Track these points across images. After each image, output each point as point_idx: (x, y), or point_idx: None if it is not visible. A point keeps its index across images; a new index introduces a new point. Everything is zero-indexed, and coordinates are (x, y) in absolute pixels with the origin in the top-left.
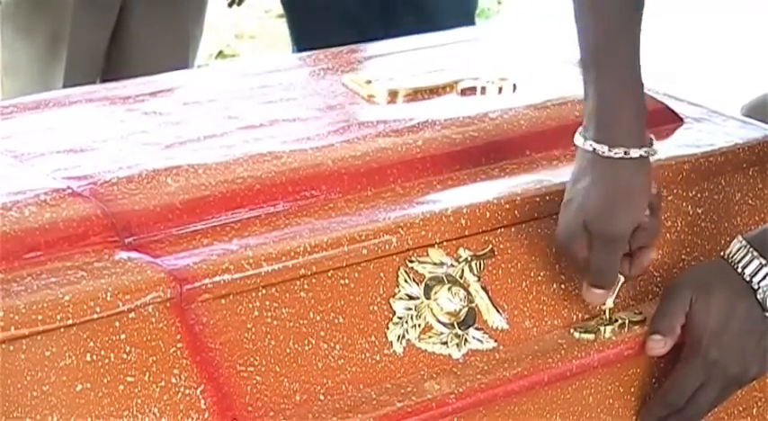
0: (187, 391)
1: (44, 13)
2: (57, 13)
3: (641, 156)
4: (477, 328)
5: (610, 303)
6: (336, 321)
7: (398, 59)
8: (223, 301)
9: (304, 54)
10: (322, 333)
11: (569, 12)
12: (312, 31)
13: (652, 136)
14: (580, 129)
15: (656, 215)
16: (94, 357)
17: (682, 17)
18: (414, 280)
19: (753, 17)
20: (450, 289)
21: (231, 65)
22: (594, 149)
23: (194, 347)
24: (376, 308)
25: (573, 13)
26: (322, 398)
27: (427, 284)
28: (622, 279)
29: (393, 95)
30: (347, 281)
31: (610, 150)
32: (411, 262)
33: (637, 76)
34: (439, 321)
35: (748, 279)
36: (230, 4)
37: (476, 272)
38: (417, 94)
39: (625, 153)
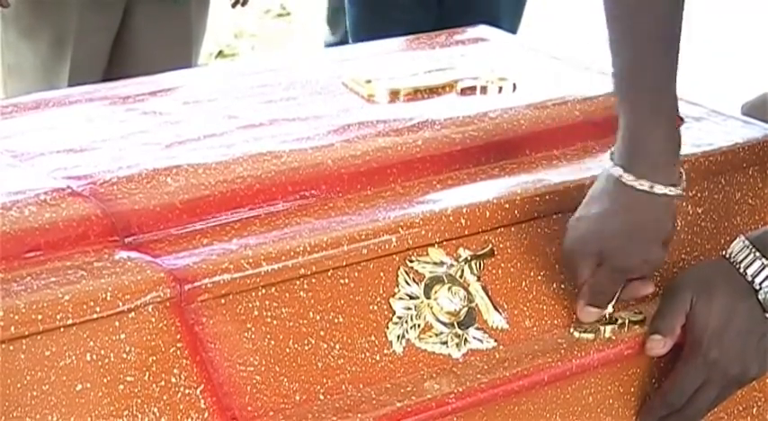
0: (187, 391)
1: (48, 15)
2: (61, 16)
3: (665, 194)
4: (476, 328)
5: (609, 308)
6: (336, 321)
7: (398, 59)
8: (223, 301)
9: (303, 53)
10: (322, 332)
11: (568, 13)
12: (369, 27)
13: (682, 171)
14: (613, 146)
15: (665, 249)
16: (94, 357)
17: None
18: (413, 279)
19: (753, 17)
20: (449, 288)
21: (231, 64)
22: (621, 176)
23: (194, 347)
24: (376, 307)
25: (608, 35)
26: (322, 397)
27: (427, 284)
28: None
29: (393, 95)
30: (347, 280)
31: (635, 180)
32: (411, 261)
33: (670, 104)
34: (439, 321)
35: (750, 279)
36: (234, 5)
37: (476, 271)
38: (417, 94)
39: (650, 187)
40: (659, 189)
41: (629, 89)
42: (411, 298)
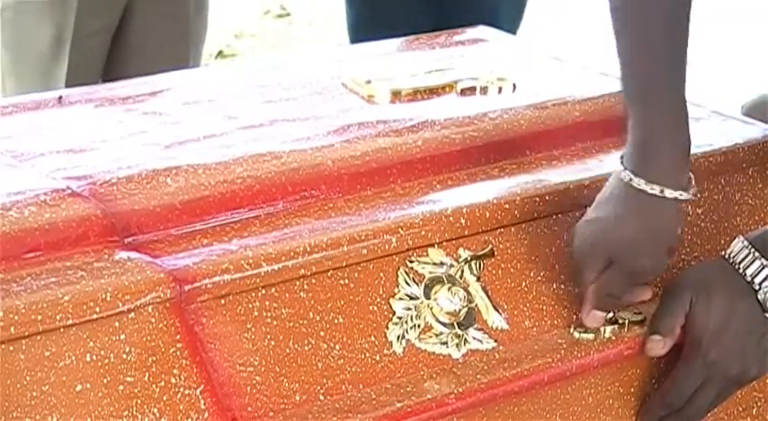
0: (187, 391)
1: (47, 16)
2: (60, 17)
3: (675, 198)
4: (476, 328)
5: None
6: (336, 321)
7: (398, 59)
8: (223, 302)
9: (303, 54)
10: (322, 333)
11: (568, 14)
12: (369, 27)
13: (692, 176)
14: (623, 151)
15: (670, 257)
16: (94, 357)
17: None
18: (413, 280)
19: (753, 17)
20: (449, 289)
21: (231, 65)
22: (631, 180)
23: (194, 347)
24: (376, 308)
25: (615, 40)
26: (322, 398)
27: (427, 284)
28: None
29: (393, 95)
30: (347, 281)
31: (646, 184)
32: (411, 262)
33: (684, 111)
34: (439, 321)
35: (749, 279)
36: None
37: (475, 272)
38: (417, 95)
39: (660, 192)
40: (670, 193)
41: (642, 92)
42: (411, 298)
